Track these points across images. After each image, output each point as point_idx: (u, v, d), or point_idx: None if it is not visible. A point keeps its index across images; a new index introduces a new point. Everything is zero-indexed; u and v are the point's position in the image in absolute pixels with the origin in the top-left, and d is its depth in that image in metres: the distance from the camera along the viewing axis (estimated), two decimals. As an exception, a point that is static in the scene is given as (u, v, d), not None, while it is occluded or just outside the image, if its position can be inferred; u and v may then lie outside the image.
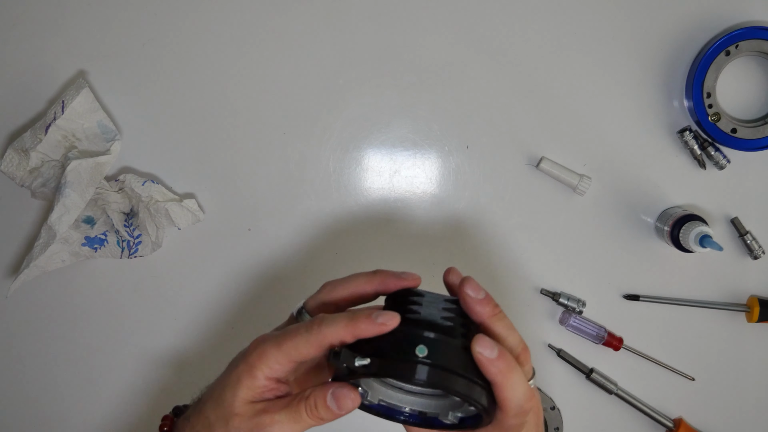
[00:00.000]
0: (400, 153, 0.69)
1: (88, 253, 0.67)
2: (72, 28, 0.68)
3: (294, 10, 0.67)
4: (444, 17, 0.67)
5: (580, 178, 0.67)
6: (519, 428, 0.41)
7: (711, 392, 0.71)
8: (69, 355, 0.71)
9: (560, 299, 0.69)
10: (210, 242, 0.70)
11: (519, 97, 0.68)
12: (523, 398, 0.40)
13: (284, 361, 0.40)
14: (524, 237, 0.70)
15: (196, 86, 0.68)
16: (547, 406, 0.70)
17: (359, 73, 0.68)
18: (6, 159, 0.64)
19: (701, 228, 0.63)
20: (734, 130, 0.65)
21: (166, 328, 0.71)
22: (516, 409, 0.39)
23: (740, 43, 0.64)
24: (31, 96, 0.68)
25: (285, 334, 0.41)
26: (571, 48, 0.67)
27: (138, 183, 0.65)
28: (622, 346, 0.69)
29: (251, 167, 0.69)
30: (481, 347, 0.39)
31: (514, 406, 0.39)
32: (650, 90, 0.68)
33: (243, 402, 0.41)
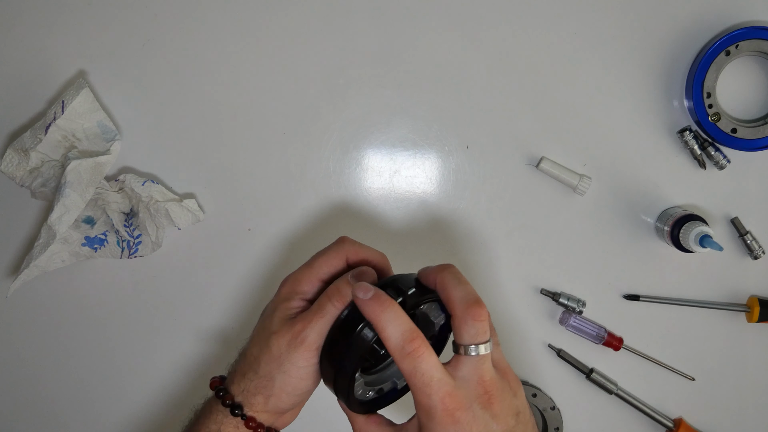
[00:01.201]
0: (400, 153, 0.69)
1: (88, 253, 0.67)
2: (72, 28, 0.68)
3: (294, 10, 0.67)
4: (444, 17, 0.67)
5: (580, 178, 0.67)
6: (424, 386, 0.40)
7: (711, 392, 0.71)
8: (69, 355, 0.71)
9: (560, 299, 0.69)
10: (210, 242, 0.70)
11: (519, 97, 0.68)
12: (401, 338, 0.40)
13: (314, 278, 0.47)
14: (524, 237, 0.70)
15: (196, 86, 0.68)
16: (547, 406, 0.70)
17: (359, 73, 0.68)
18: (6, 159, 0.64)
19: (701, 228, 0.63)
20: (734, 130, 0.65)
21: (165, 328, 0.71)
22: (395, 348, 0.40)
23: (740, 43, 0.64)
24: (31, 96, 0.68)
25: (313, 258, 0.49)
26: (572, 48, 0.67)
27: (138, 183, 0.65)
28: (622, 346, 0.69)
29: (251, 167, 0.69)
30: (357, 290, 0.42)
31: (392, 344, 0.40)
32: (650, 90, 0.68)
33: (280, 322, 0.46)
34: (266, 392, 0.45)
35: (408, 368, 0.40)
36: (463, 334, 0.41)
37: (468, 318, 0.41)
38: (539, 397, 0.70)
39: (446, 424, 0.39)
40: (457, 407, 0.39)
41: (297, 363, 0.44)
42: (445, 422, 0.39)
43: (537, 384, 0.71)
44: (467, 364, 0.41)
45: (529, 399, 0.70)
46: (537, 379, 0.71)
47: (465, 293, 0.42)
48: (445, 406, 0.39)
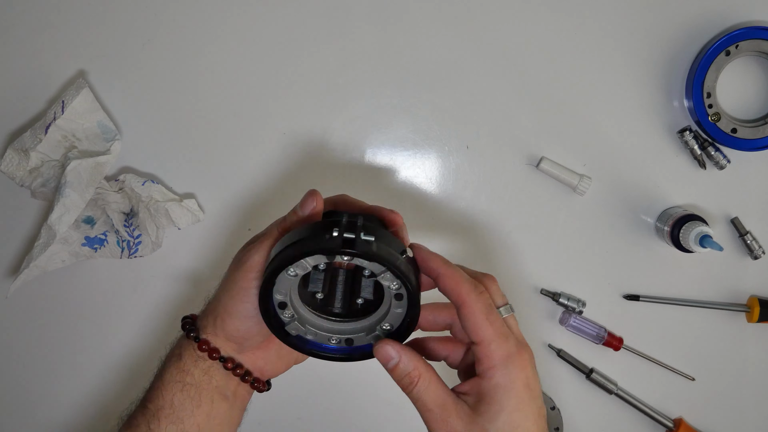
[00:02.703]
0: (400, 153, 0.69)
1: (88, 253, 0.67)
2: (72, 28, 0.68)
3: (294, 11, 0.67)
4: (444, 17, 0.67)
5: (580, 178, 0.67)
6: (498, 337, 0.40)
7: (711, 392, 0.71)
8: (69, 355, 0.71)
9: (560, 299, 0.69)
10: (210, 242, 0.70)
11: (519, 97, 0.68)
12: (473, 281, 0.41)
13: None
14: (524, 237, 0.70)
15: (196, 86, 0.68)
16: (547, 406, 0.70)
17: (359, 73, 0.68)
18: (6, 159, 0.64)
19: (701, 228, 0.63)
20: (734, 130, 0.65)
21: (165, 328, 0.71)
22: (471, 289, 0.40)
23: (740, 43, 0.64)
24: (31, 96, 0.68)
25: None
26: (572, 48, 0.67)
27: (138, 183, 0.65)
28: (622, 346, 0.69)
29: (251, 167, 0.69)
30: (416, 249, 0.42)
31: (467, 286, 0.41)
32: (650, 90, 0.68)
33: (240, 249, 0.46)
34: (214, 313, 0.45)
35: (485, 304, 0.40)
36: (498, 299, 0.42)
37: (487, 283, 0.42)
38: (539, 397, 0.70)
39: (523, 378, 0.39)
40: (528, 361, 0.40)
41: (238, 282, 0.44)
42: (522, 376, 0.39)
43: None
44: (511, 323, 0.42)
45: (529, 399, 0.70)
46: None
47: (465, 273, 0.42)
48: (521, 355, 0.40)
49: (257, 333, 0.45)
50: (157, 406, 0.44)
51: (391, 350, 0.41)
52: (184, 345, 0.46)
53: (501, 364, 0.39)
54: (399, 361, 0.41)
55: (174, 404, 0.44)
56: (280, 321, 0.43)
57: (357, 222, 0.41)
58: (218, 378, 0.46)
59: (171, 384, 0.45)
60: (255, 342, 0.46)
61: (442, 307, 0.46)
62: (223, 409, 0.46)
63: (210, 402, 0.45)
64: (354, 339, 0.44)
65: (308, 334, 0.44)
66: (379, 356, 0.42)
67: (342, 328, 0.45)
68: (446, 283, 0.41)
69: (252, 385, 0.47)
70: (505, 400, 0.39)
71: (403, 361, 0.41)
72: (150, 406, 0.45)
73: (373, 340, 0.44)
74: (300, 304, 0.44)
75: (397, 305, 0.41)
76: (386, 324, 0.43)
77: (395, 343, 0.42)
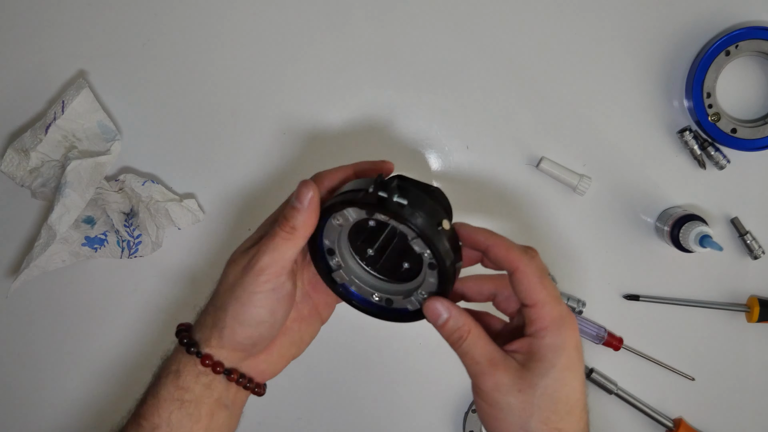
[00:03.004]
0: (401, 153, 0.69)
1: (88, 253, 0.67)
2: (72, 28, 0.68)
3: (294, 10, 0.68)
4: (444, 17, 0.67)
5: (580, 178, 0.67)
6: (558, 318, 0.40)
7: (711, 392, 0.71)
8: (69, 355, 0.71)
9: (560, 299, 0.69)
10: (210, 242, 0.70)
11: (519, 97, 0.68)
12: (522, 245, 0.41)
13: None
14: (524, 237, 0.69)
15: (196, 86, 0.68)
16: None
17: (359, 73, 0.68)
18: (6, 159, 0.64)
19: (701, 228, 0.63)
20: (734, 130, 0.65)
21: (165, 328, 0.71)
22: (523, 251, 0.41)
23: (740, 43, 0.64)
24: (31, 96, 0.68)
25: None
26: (572, 48, 0.67)
27: (138, 183, 0.65)
28: (622, 346, 0.69)
29: (251, 167, 0.69)
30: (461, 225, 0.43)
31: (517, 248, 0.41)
32: (650, 90, 0.68)
33: (237, 252, 0.45)
34: (220, 324, 0.43)
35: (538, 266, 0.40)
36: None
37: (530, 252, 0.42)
38: (539, 397, 0.70)
39: (575, 341, 0.40)
40: (576, 324, 0.40)
41: (248, 288, 0.42)
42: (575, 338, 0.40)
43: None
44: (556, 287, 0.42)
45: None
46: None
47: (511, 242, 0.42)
48: (571, 318, 0.40)
49: (268, 336, 0.44)
50: (152, 425, 0.43)
51: (441, 307, 0.42)
52: (183, 361, 0.44)
53: (554, 325, 0.39)
54: (449, 317, 0.41)
55: (171, 422, 0.43)
56: (328, 266, 0.45)
57: (391, 183, 0.41)
58: (220, 389, 0.44)
59: (168, 402, 0.43)
60: (263, 346, 0.45)
61: (486, 278, 0.46)
62: (222, 419, 0.45)
63: (209, 416, 0.44)
64: (394, 300, 0.45)
65: (353, 286, 0.46)
66: (428, 313, 0.42)
67: (385, 287, 0.46)
68: (497, 251, 0.41)
69: (253, 391, 0.46)
70: (557, 359, 0.39)
71: (454, 316, 0.41)
72: (144, 423, 0.43)
73: (410, 305, 0.45)
74: (350, 255, 0.45)
75: (431, 274, 0.42)
76: (423, 291, 0.43)
77: (444, 300, 0.42)
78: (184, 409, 0.43)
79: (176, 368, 0.44)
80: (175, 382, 0.43)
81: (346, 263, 0.45)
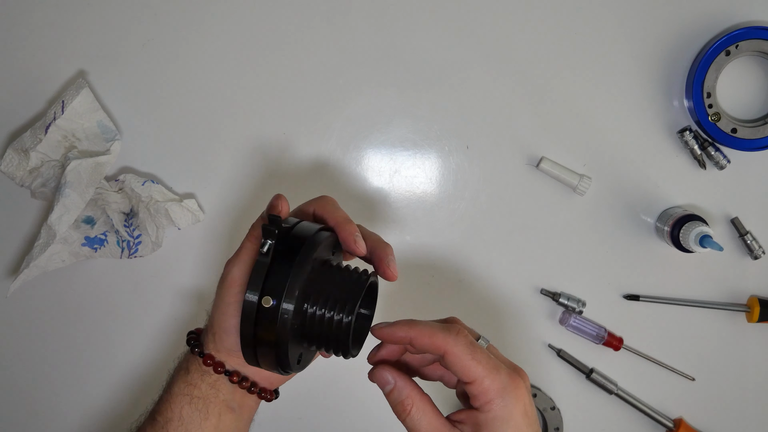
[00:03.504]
0: (400, 153, 0.69)
1: (88, 253, 0.67)
2: (72, 28, 0.68)
3: (294, 10, 0.67)
4: (444, 17, 0.67)
5: (580, 178, 0.67)
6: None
7: (711, 392, 0.71)
8: (69, 355, 0.71)
9: (560, 299, 0.69)
10: (210, 242, 0.70)
11: (519, 97, 0.68)
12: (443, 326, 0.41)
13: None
14: (524, 237, 0.70)
15: (196, 86, 0.68)
16: (547, 406, 0.70)
17: (359, 73, 0.68)
18: (6, 159, 0.64)
19: (701, 228, 0.63)
20: (734, 130, 0.65)
21: (166, 328, 0.71)
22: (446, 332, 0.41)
23: (740, 43, 0.64)
24: (31, 96, 0.68)
25: None
26: (572, 48, 0.67)
27: (138, 183, 0.65)
28: (622, 346, 0.69)
29: (251, 167, 0.69)
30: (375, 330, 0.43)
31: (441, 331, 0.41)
32: (650, 90, 0.68)
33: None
34: (212, 330, 0.46)
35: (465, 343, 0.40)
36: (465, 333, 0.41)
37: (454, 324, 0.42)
38: (539, 397, 0.70)
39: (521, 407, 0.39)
40: (523, 389, 0.40)
41: (224, 299, 0.45)
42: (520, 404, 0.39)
43: (537, 384, 0.71)
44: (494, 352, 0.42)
45: (529, 399, 0.70)
46: (537, 379, 0.71)
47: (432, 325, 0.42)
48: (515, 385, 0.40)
49: None
50: (166, 419, 0.46)
51: (388, 375, 0.43)
52: (191, 359, 0.47)
53: (498, 397, 0.39)
54: (393, 387, 0.42)
55: (183, 417, 0.46)
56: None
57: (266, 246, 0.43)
58: (225, 391, 0.46)
59: (179, 397, 0.46)
60: None
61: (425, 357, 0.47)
62: (229, 421, 0.47)
63: (217, 415, 0.46)
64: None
65: None
66: (375, 380, 0.43)
67: None
68: (421, 342, 0.41)
69: (259, 395, 0.48)
70: (504, 431, 0.39)
71: (398, 387, 0.42)
72: (159, 418, 0.46)
73: None
74: None
75: None
76: None
77: (392, 369, 0.43)
78: (193, 405, 0.46)
79: (186, 366, 0.47)
80: (185, 379, 0.46)
81: None
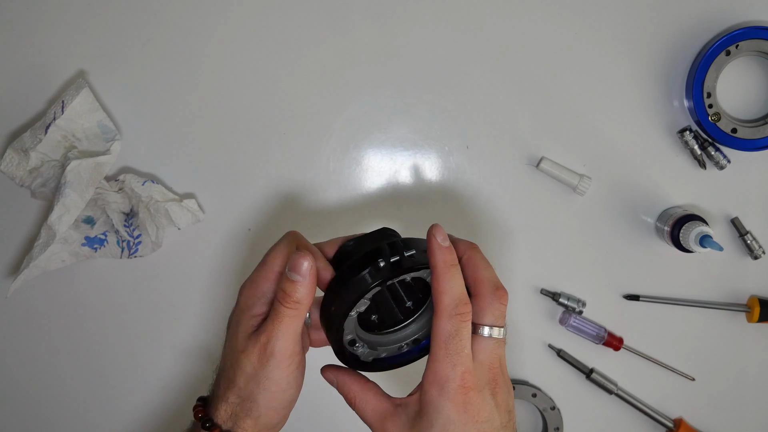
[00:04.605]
0: (400, 153, 0.69)
1: (88, 253, 0.67)
2: (72, 28, 0.68)
3: (294, 10, 0.67)
4: (444, 17, 0.67)
5: (580, 178, 0.67)
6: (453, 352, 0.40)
7: (711, 392, 0.71)
8: (68, 355, 0.71)
9: (560, 299, 0.69)
10: (210, 242, 0.70)
11: (519, 97, 0.68)
12: (458, 297, 0.40)
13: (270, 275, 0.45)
14: (524, 237, 0.70)
15: (196, 86, 0.68)
16: (547, 406, 0.70)
17: (359, 73, 0.68)
18: (6, 159, 0.64)
19: (701, 228, 0.63)
20: (734, 130, 0.65)
21: (166, 328, 0.71)
22: (448, 304, 0.40)
23: (740, 43, 0.64)
24: (31, 96, 0.68)
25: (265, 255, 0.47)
26: (572, 48, 0.67)
27: (138, 183, 0.65)
28: (622, 346, 0.69)
29: (251, 167, 0.69)
30: (435, 232, 0.42)
31: (446, 300, 0.40)
32: (650, 90, 0.68)
33: (244, 338, 0.44)
34: (254, 414, 0.43)
35: (450, 329, 0.40)
36: (487, 314, 0.41)
37: (495, 300, 0.41)
38: (539, 397, 0.70)
39: (458, 403, 0.39)
40: (473, 386, 0.39)
41: (273, 377, 0.42)
42: (458, 400, 0.39)
43: (537, 384, 0.71)
44: (485, 346, 0.41)
45: (528, 399, 0.70)
46: (537, 379, 0.71)
47: (493, 276, 0.42)
48: (463, 382, 0.39)
49: (294, 403, 0.46)
50: None
51: (330, 375, 0.45)
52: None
53: (437, 384, 0.40)
54: (337, 384, 0.45)
55: None
56: (355, 357, 0.46)
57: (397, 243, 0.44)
58: None
59: None
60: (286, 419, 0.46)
61: None
62: None
63: None
64: (419, 336, 0.47)
65: (382, 353, 0.47)
66: (326, 379, 0.46)
67: (405, 333, 0.47)
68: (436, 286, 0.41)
69: None
70: (435, 419, 0.40)
71: (339, 383, 0.45)
72: None
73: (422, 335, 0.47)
74: (361, 331, 0.46)
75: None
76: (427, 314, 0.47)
77: (334, 369, 0.45)
78: None
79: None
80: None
81: (364, 340, 0.46)
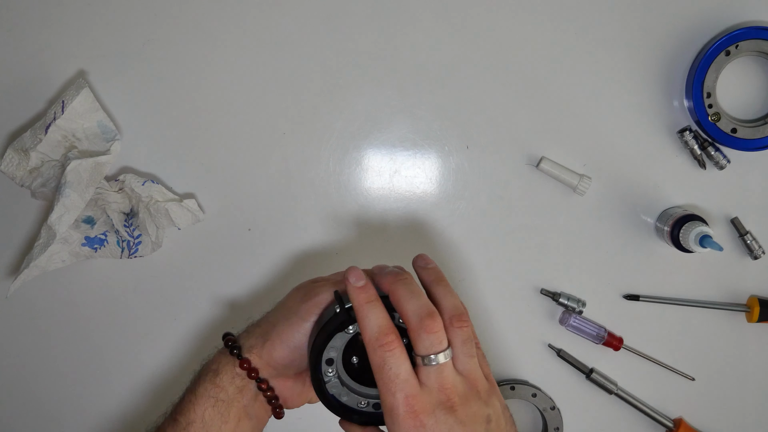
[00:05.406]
0: (400, 153, 0.69)
1: (88, 253, 0.67)
2: (72, 28, 0.68)
3: (294, 10, 0.67)
4: (444, 17, 0.67)
5: (580, 178, 0.67)
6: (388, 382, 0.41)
7: (711, 392, 0.71)
8: (69, 355, 0.71)
9: (560, 299, 0.69)
10: (210, 242, 0.70)
11: (519, 97, 0.68)
12: (378, 330, 0.42)
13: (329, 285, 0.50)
14: (524, 237, 0.70)
15: (196, 86, 0.68)
16: (547, 406, 0.70)
17: (359, 73, 0.68)
18: (6, 159, 0.64)
19: (701, 228, 0.63)
20: (734, 130, 0.65)
21: (166, 328, 0.71)
22: (370, 338, 0.42)
23: (740, 43, 0.64)
24: (31, 96, 0.68)
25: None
26: (572, 48, 0.67)
27: (138, 183, 0.65)
28: (622, 346, 0.69)
29: (251, 167, 0.69)
30: (350, 274, 0.44)
31: (367, 334, 0.42)
32: (650, 90, 0.68)
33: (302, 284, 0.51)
34: (265, 336, 0.48)
35: (378, 361, 0.41)
36: (419, 346, 0.42)
37: (421, 331, 0.41)
38: (539, 397, 0.70)
39: (409, 427, 0.40)
40: (421, 410, 0.40)
41: (302, 315, 0.47)
42: (408, 425, 0.40)
43: (537, 384, 0.71)
44: (428, 372, 0.41)
45: (528, 399, 0.70)
46: (537, 379, 0.71)
47: (418, 306, 0.42)
48: (409, 407, 0.40)
49: (298, 365, 0.49)
50: (188, 420, 0.46)
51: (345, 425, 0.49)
52: (223, 361, 0.48)
53: (388, 415, 0.41)
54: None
55: (205, 419, 0.46)
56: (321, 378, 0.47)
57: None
58: (248, 397, 0.48)
59: (204, 398, 0.47)
60: (291, 372, 0.49)
61: None
62: (246, 428, 0.48)
63: (236, 420, 0.47)
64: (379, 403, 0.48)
65: (343, 396, 0.47)
66: None
67: (370, 392, 0.48)
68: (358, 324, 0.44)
69: (275, 409, 0.49)
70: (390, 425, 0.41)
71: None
72: (181, 419, 0.47)
73: None
74: (341, 368, 0.47)
75: None
76: None
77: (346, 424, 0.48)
78: (216, 408, 0.46)
79: (216, 368, 0.48)
80: (213, 380, 0.47)
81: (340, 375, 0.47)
